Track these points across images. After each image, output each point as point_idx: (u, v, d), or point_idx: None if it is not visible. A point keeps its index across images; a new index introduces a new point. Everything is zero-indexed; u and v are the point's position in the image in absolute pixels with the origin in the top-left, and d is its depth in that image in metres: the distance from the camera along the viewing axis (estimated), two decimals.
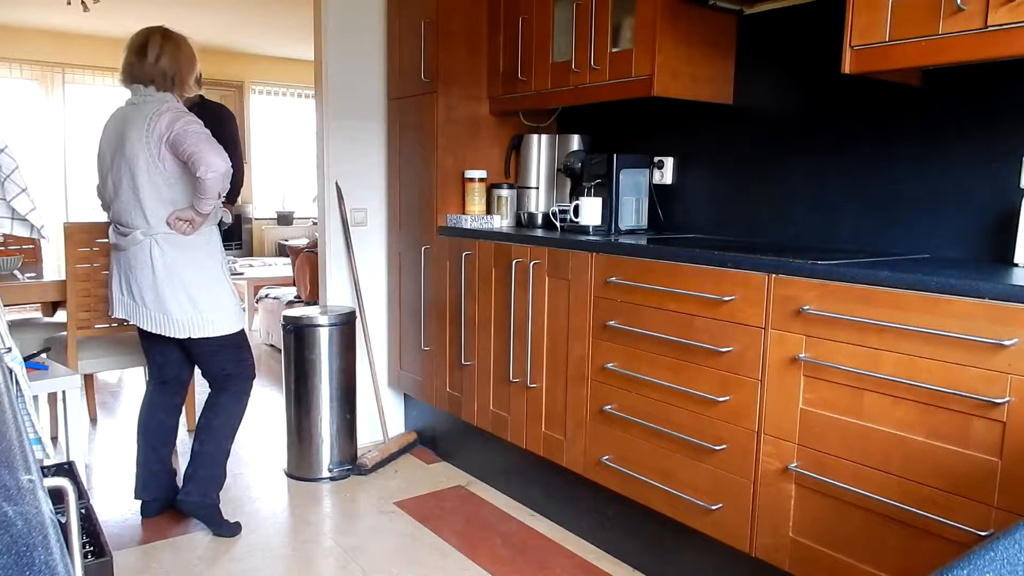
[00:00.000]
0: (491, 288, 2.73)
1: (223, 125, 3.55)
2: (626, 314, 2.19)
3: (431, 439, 3.29)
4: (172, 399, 2.65)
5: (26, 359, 2.24)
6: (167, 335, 2.41)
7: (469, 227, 2.89)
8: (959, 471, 1.48)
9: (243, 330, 2.55)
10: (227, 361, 2.52)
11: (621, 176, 2.63)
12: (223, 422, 2.55)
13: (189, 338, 2.41)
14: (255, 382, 2.63)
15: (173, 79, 2.41)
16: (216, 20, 6.20)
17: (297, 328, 2.94)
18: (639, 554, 2.30)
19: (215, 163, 2.21)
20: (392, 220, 3.34)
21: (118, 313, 2.46)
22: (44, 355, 2.68)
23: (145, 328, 2.43)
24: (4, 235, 2.78)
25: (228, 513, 2.60)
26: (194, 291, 2.39)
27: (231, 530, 2.53)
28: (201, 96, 3.60)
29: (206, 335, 2.42)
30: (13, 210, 1.77)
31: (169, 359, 2.59)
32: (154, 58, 2.38)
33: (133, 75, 2.40)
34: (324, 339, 2.95)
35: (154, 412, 2.61)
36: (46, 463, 1.83)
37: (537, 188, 3.01)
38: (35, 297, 3.14)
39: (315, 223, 7.27)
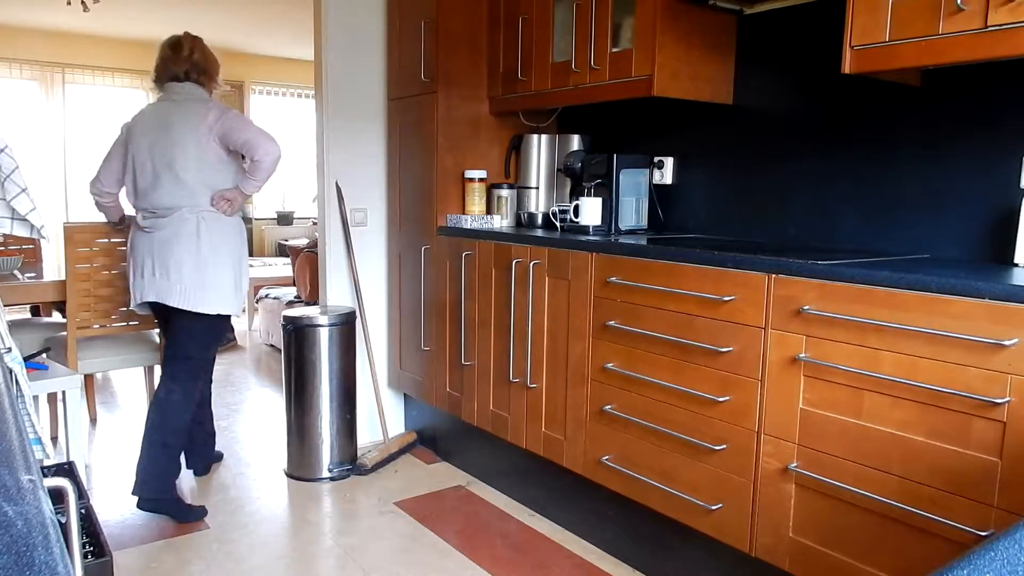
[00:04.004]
0: (491, 288, 2.73)
1: None
2: (626, 314, 2.19)
3: (431, 439, 3.29)
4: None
5: (26, 359, 2.24)
6: (196, 310, 2.54)
7: (469, 227, 2.89)
8: (959, 471, 1.48)
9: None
10: (205, 342, 2.65)
11: (621, 176, 2.63)
12: (176, 413, 2.62)
13: (204, 311, 2.55)
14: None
15: (205, 71, 2.65)
16: (216, 20, 6.20)
17: (297, 328, 2.94)
18: (639, 554, 2.30)
19: (271, 148, 2.52)
20: (392, 220, 3.34)
21: (148, 297, 2.57)
22: (44, 355, 2.68)
23: (176, 306, 2.53)
24: (4, 235, 2.78)
25: (228, 513, 2.61)
26: (234, 266, 2.63)
27: (197, 514, 2.60)
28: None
29: (224, 314, 2.62)
30: (13, 210, 1.77)
31: None
32: (188, 52, 2.62)
33: (168, 71, 2.62)
34: (324, 339, 2.95)
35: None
36: (46, 463, 1.83)
37: (537, 188, 3.01)
38: (35, 297, 3.14)
39: (315, 223, 7.27)
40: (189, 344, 2.62)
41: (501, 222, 3.01)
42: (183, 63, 2.60)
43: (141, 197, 2.60)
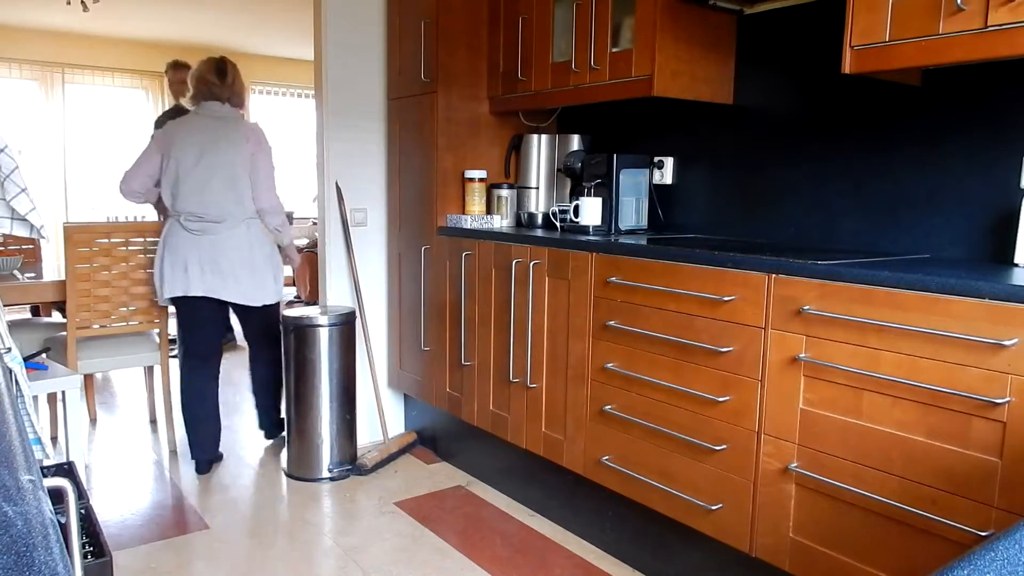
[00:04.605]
0: (491, 288, 2.73)
1: None
2: (626, 314, 2.19)
3: (431, 439, 3.29)
4: (214, 367, 3.06)
5: (26, 359, 2.24)
6: (251, 303, 2.96)
7: (469, 227, 2.89)
8: (959, 471, 1.48)
9: None
10: (276, 320, 3.14)
11: (621, 176, 2.63)
12: (279, 367, 3.16)
13: (260, 304, 3.00)
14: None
15: (240, 95, 3.03)
16: (216, 20, 6.19)
17: (297, 328, 2.94)
18: (639, 554, 2.30)
19: (266, 201, 2.96)
20: (392, 220, 3.34)
21: (194, 292, 2.86)
22: (44, 355, 2.68)
23: (230, 299, 2.92)
24: (4, 235, 2.79)
25: (228, 513, 2.61)
26: (274, 264, 3.05)
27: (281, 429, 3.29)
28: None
29: (278, 301, 3.08)
30: (13, 210, 1.78)
31: (216, 332, 3.05)
32: (231, 80, 2.98)
33: (212, 93, 2.95)
34: (324, 339, 2.94)
35: (204, 384, 3.02)
36: (46, 463, 1.83)
37: (537, 188, 3.01)
38: (35, 297, 3.14)
39: (315, 223, 7.27)
40: (270, 327, 3.16)
41: (501, 222, 3.01)
42: (227, 89, 2.95)
43: (185, 201, 2.86)
